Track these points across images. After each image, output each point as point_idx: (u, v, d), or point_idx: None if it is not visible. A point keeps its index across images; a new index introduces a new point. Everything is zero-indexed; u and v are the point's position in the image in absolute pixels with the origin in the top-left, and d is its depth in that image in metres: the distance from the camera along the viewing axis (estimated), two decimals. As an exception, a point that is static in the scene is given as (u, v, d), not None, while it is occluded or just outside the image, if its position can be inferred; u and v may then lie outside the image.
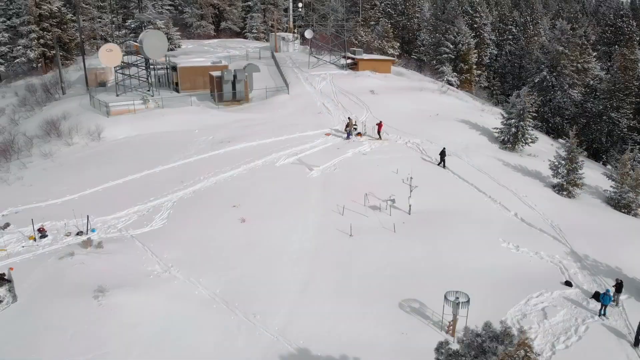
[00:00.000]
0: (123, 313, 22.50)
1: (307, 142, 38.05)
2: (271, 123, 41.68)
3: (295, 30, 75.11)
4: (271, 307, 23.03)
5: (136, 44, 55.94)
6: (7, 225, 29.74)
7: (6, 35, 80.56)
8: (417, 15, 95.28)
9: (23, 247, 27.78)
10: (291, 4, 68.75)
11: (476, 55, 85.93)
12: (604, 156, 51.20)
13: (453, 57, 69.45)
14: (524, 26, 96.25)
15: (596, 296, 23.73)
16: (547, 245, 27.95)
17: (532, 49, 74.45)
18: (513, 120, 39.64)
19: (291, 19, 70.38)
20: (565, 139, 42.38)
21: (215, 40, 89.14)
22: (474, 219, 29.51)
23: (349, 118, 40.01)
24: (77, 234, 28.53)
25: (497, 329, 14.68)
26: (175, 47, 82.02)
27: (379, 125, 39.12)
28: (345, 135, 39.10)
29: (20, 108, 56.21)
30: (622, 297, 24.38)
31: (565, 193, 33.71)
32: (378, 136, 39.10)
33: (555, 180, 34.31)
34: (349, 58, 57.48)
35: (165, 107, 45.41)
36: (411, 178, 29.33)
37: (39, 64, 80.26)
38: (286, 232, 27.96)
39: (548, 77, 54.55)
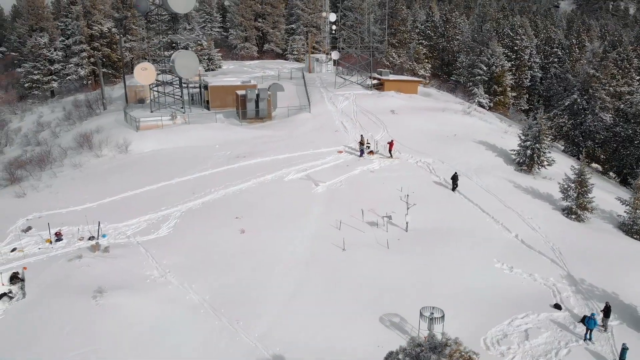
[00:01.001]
0: (117, 313, 23.87)
1: (319, 158, 38.96)
2: (288, 140, 42.90)
3: (329, 52, 76.65)
4: (256, 314, 23.87)
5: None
6: (29, 228, 32.04)
7: (60, 53, 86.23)
8: (457, 37, 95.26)
9: (39, 249, 29.86)
10: (328, 27, 70.36)
11: (515, 77, 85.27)
12: (633, 182, 49.32)
13: (487, 78, 68.96)
14: (569, 49, 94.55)
15: (584, 320, 23.26)
16: (543, 267, 27.57)
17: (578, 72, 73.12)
18: (529, 142, 39.19)
19: (327, 41, 71.97)
20: (586, 162, 41.32)
21: (256, 62, 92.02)
22: (471, 239, 29.46)
23: (361, 136, 40.71)
24: (89, 238, 30.37)
25: (439, 340, 15.01)
26: (216, 67, 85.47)
27: (390, 143, 39.64)
28: (358, 153, 39.78)
29: (63, 122, 60.07)
30: (614, 322, 23.85)
31: (574, 217, 33.04)
32: (389, 154, 39.56)
33: (565, 203, 33.68)
34: (375, 79, 58.34)
35: (191, 123, 47.53)
36: (407, 195, 29.67)
37: (89, 81, 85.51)
38: (282, 244, 28.81)
39: (579, 100, 53.43)
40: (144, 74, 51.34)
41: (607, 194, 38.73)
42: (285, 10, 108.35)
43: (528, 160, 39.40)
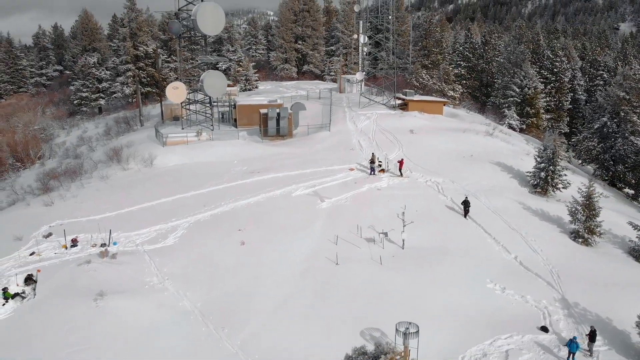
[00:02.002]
0: (114, 315, 25.31)
1: (329, 175, 39.70)
2: (303, 157, 43.91)
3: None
4: (241, 322, 24.72)
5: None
6: (49, 234, 34.23)
7: (108, 72, 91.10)
8: (496, 58, 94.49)
9: (55, 253, 31.88)
10: (360, 48, 71.50)
11: (555, 100, 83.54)
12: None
13: (519, 100, 68.08)
14: (615, 71, 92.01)
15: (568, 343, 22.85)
16: (538, 289, 27.14)
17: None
18: (543, 164, 38.63)
19: (360, 62, 73.01)
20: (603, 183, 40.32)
21: (293, 82, 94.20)
22: (467, 258, 29.35)
23: (372, 154, 41.21)
24: (101, 245, 32.16)
25: (380, 350, 15.42)
26: (253, 87, 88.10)
27: (400, 162, 39.93)
28: (369, 170, 40.29)
29: (102, 137, 63.43)
30: (602, 348, 23.33)
31: (581, 240, 32.29)
32: (399, 173, 39.85)
33: (573, 227, 33.00)
34: (399, 99, 58.80)
35: (215, 140, 49.38)
36: (404, 213, 29.94)
37: (134, 99, 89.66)
38: (279, 256, 29.61)
39: (609, 123, 52.03)
40: (175, 92, 53.85)
41: (626, 219, 37.53)
42: (325, 32, 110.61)
43: (542, 182, 38.78)
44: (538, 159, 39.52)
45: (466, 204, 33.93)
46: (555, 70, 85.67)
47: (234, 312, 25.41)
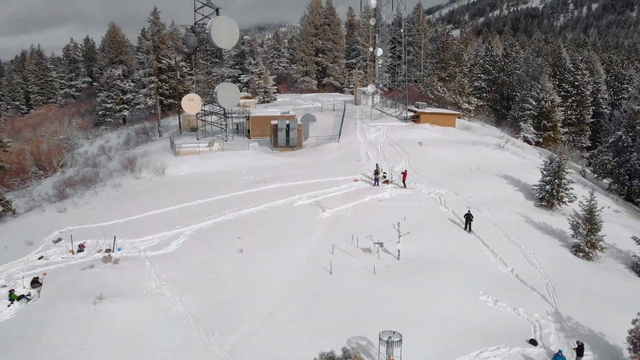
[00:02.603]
0: (110, 318, 26.09)
1: (333, 186, 40.11)
2: (310, 167, 44.43)
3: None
4: (231, 328, 25.20)
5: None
6: (59, 240, 35.41)
7: (132, 84, 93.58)
8: (516, 71, 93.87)
9: (62, 258, 32.97)
10: (377, 61, 72.03)
11: (576, 113, 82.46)
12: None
13: (536, 113, 67.47)
14: None
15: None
16: (531, 303, 26.93)
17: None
18: (549, 178, 38.31)
19: (376, 74, 73.57)
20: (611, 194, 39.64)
21: (311, 94, 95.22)
22: (463, 270, 29.30)
23: (376, 165, 41.48)
24: (106, 250, 33.12)
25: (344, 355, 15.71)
26: (271, 99, 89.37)
27: (404, 174, 40.11)
28: (373, 182, 40.55)
29: (122, 147, 65.15)
30: (594, 363, 23.02)
31: (582, 254, 31.90)
32: (403, 185, 40.00)
33: (575, 241, 32.64)
34: (411, 111, 58.98)
35: (226, 150, 50.34)
36: (399, 224, 30.13)
37: (156, 111, 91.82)
38: (275, 264, 30.07)
39: (624, 137, 51.16)
40: (191, 104, 55.16)
41: (634, 234, 36.86)
42: (346, 45, 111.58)
43: (548, 195, 38.44)
44: (544, 172, 39.19)
45: (468, 216, 33.83)
46: (576, 83, 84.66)
47: (225, 318, 25.91)
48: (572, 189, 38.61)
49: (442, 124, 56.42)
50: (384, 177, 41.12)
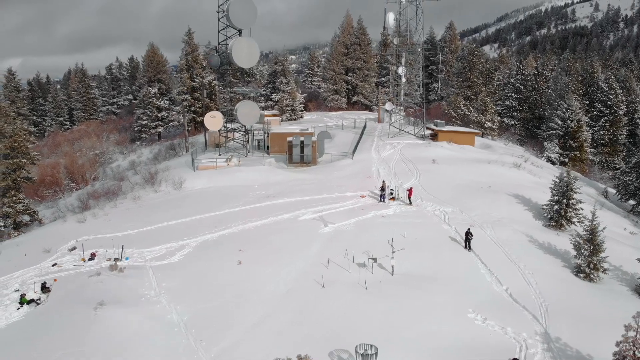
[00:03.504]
0: (107, 323, 27.26)
1: (339, 201, 40.65)
2: (320, 183, 45.14)
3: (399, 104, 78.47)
4: (219, 337, 25.91)
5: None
6: (74, 248, 37.23)
7: (167, 102, 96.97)
8: (548, 91, 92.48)
9: (74, 265, 34.66)
10: (403, 79, 72.57)
11: (609, 133, 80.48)
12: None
13: (562, 133, 66.30)
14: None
15: (534, 377, 22.39)
16: (521, 322, 26.59)
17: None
18: (557, 198, 37.76)
19: (402, 92, 74.01)
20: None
21: (339, 112, 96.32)
22: (454, 288, 29.24)
23: (382, 182, 41.80)
24: (115, 259, 34.62)
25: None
26: (298, 117, 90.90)
27: (409, 191, 40.26)
28: (379, 198, 40.88)
29: (150, 162, 67.61)
30: (576, 385, 22.61)
31: (582, 276, 31.28)
32: (408, 202, 40.16)
33: (577, 261, 32.04)
34: (429, 129, 59.06)
35: (242, 166, 51.69)
36: (392, 240, 30.41)
37: (189, 127, 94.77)
38: (270, 276, 30.76)
39: (648, 157, 49.85)
40: (213, 121, 57.03)
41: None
42: (376, 64, 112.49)
43: (556, 215, 37.84)
44: (553, 192, 38.65)
45: (468, 234, 33.75)
46: (609, 103, 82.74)
47: (214, 326, 26.67)
48: (581, 209, 37.88)
49: (460, 142, 56.24)
50: (391, 193, 41.38)
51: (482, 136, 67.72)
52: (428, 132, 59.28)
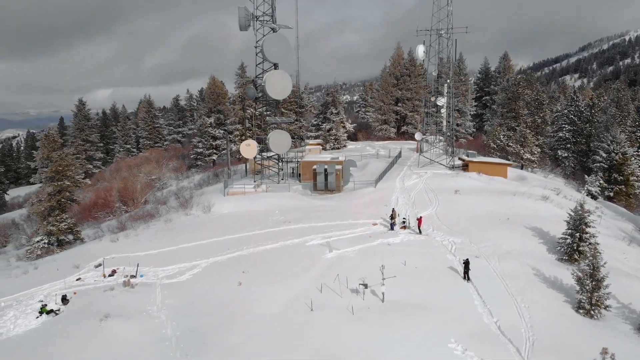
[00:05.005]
0: (108, 334, 29.44)
1: (350, 228, 41.37)
2: (338, 210, 46.04)
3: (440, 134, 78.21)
4: (204, 352, 27.31)
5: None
6: (99, 265, 40.21)
7: (221, 131, 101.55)
8: (599, 122, 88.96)
9: (94, 280, 37.50)
10: (446, 110, 72.62)
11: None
12: None
13: (606, 166, 63.66)
14: None
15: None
16: (502, 355, 26.00)
17: None
18: (570, 231, 36.67)
19: (445, 124, 73.94)
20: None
21: (383, 142, 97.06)
22: (441, 317, 29.04)
23: (393, 210, 42.09)
24: (130, 276, 37.09)
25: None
26: (342, 146, 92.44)
27: (419, 220, 40.33)
28: (389, 226, 41.23)
29: (195, 187, 71.13)
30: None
31: (582, 312, 30.18)
32: (418, 230, 40.22)
33: (579, 297, 30.98)
34: (461, 160, 58.62)
35: (269, 192, 53.59)
36: (382, 266, 30.80)
37: (239, 156, 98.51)
38: (264, 298, 31.90)
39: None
40: (248, 149, 59.66)
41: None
42: (429, 94, 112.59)
43: (569, 249, 36.69)
44: (568, 225, 37.57)
45: (466, 264, 33.51)
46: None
47: (202, 343, 28.06)
48: (597, 243, 36.50)
49: (491, 173, 55.45)
50: (403, 222, 41.64)
51: (522, 168, 66.21)
52: (459, 162, 58.88)
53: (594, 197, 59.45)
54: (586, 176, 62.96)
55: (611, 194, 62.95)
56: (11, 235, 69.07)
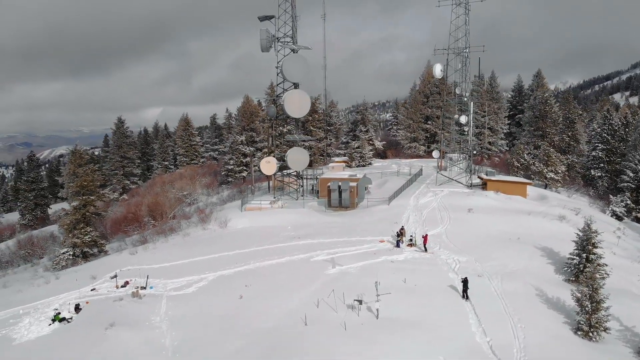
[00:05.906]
0: (110, 341, 30.78)
1: (357, 245, 41.72)
2: (347, 227, 46.48)
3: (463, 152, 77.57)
4: (195, 363, 28.26)
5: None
6: (115, 276, 41.85)
7: (251, 149, 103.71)
8: (629, 141, 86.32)
9: (107, 291, 39.09)
10: (471, 129, 72.21)
11: None
12: None
13: (634, 186, 61.77)
14: None
15: None
16: (488, 375, 26.02)
17: None
18: (576, 252, 35.96)
19: (470, 142, 73.44)
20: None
21: (411, 160, 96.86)
22: (435, 335, 29.01)
23: (402, 227, 42.20)
24: (141, 288, 38.54)
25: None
26: (367, 163, 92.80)
27: (425, 237, 40.30)
28: (396, 244, 41.36)
29: (220, 203, 72.90)
30: None
31: (580, 334, 29.56)
32: (424, 248, 40.20)
33: (578, 318, 30.37)
34: (480, 178, 58.08)
35: (285, 208, 54.55)
36: (377, 282, 31.09)
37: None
38: (261, 312, 32.60)
39: None
40: (268, 166, 61.02)
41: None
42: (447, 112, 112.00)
43: (575, 270, 35.97)
44: (575, 245, 36.87)
45: (465, 283, 33.37)
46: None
47: (196, 353, 28.99)
48: (605, 265, 35.66)
49: (510, 192, 54.74)
50: (410, 239, 41.71)
51: (546, 187, 64.94)
52: (478, 181, 58.39)
53: (619, 218, 57.69)
54: (611, 196, 61.19)
55: (639, 215, 60.96)
56: (48, 248, 72.38)
